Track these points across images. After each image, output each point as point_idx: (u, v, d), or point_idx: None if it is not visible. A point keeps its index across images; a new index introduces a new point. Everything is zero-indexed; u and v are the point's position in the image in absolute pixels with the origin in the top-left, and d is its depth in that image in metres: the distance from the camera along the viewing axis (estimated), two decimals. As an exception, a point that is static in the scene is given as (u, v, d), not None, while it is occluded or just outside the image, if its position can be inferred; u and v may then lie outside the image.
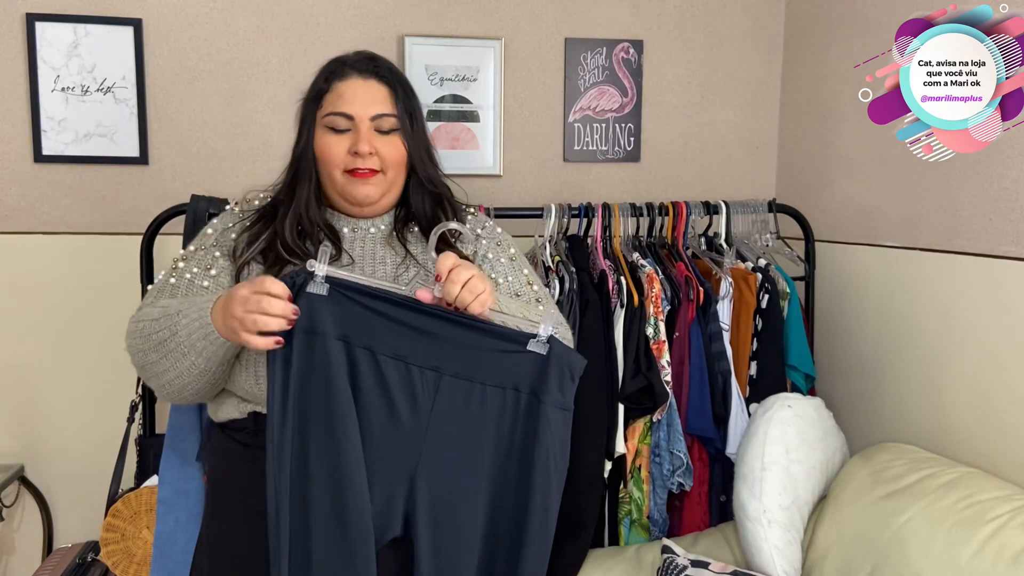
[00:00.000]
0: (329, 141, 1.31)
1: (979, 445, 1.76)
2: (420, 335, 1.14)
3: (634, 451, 1.96)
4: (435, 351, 1.14)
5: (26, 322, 2.22)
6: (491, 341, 1.15)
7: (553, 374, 1.15)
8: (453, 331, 1.14)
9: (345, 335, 1.12)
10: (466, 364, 1.15)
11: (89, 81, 2.19)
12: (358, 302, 1.13)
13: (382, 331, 1.13)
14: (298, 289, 1.11)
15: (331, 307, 1.12)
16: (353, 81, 1.32)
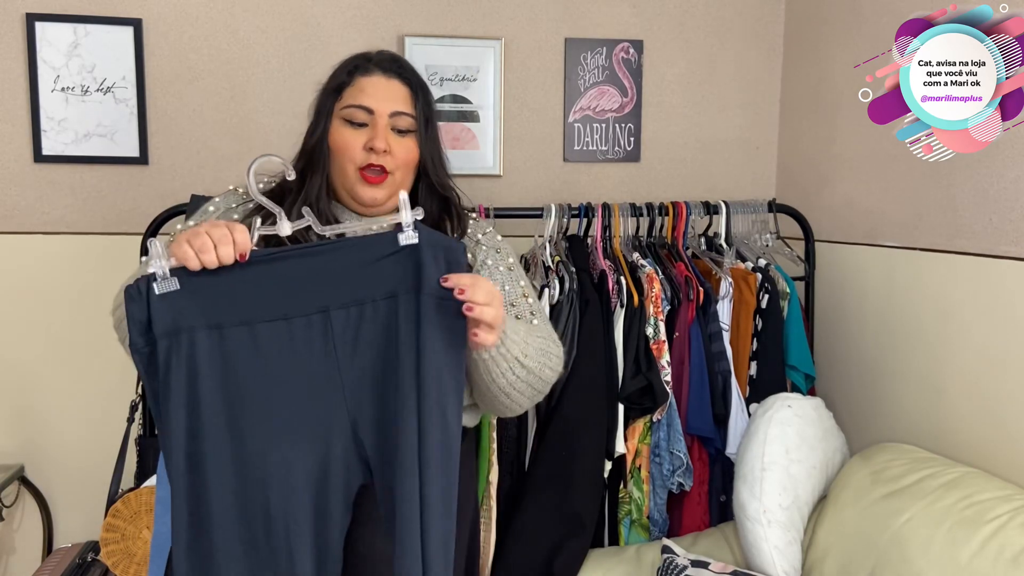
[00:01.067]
0: (345, 134, 1.31)
1: (979, 445, 1.76)
2: (293, 283, 1.08)
3: (634, 451, 1.96)
4: (314, 292, 1.08)
5: (26, 322, 2.22)
6: (365, 253, 1.09)
7: (428, 262, 1.08)
8: (326, 262, 1.08)
9: (215, 321, 1.05)
10: (349, 289, 1.09)
11: (89, 81, 2.19)
12: (219, 280, 1.05)
13: (253, 298, 1.07)
14: (147, 295, 1.04)
15: (189, 298, 1.05)
16: (376, 78, 1.33)
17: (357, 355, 1.09)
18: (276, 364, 1.08)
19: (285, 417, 1.08)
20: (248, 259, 1.06)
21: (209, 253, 1.04)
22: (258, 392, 1.07)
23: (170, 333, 1.05)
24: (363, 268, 1.09)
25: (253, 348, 1.07)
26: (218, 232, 1.05)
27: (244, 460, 1.07)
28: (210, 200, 1.39)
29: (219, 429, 1.06)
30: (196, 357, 1.05)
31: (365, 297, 1.09)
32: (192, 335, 1.05)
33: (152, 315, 1.04)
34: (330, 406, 1.10)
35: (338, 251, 1.09)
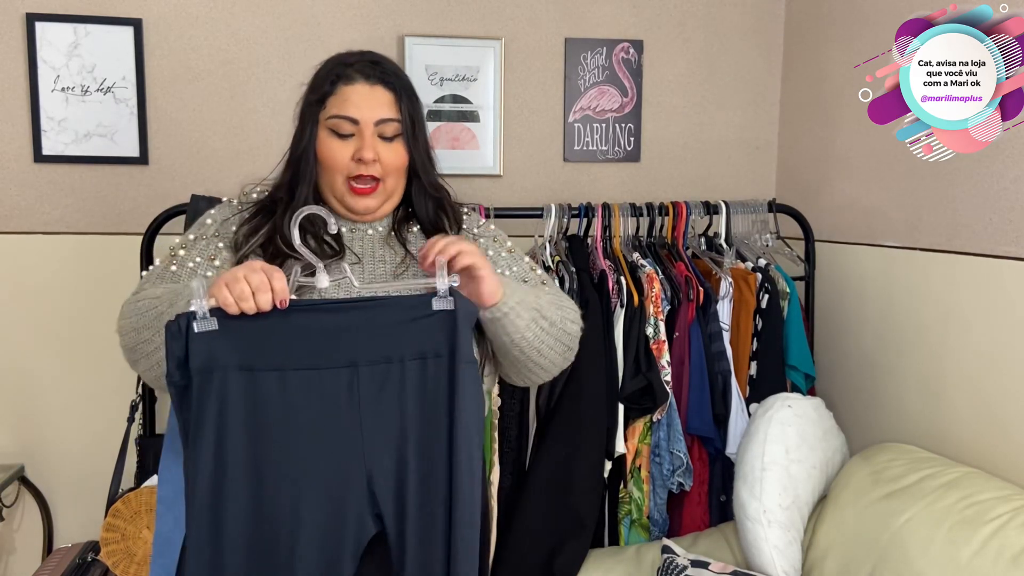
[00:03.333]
0: (332, 146, 1.31)
1: (979, 445, 1.76)
2: (328, 335, 1.11)
3: (634, 451, 1.96)
4: (346, 346, 1.11)
5: (26, 322, 2.22)
6: (399, 313, 1.13)
7: (462, 329, 1.13)
8: (358, 318, 1.12)
9: (248, 363, 1.09)
10: (380, 347, 1.12)
11: (89, 81, 2.19)
12: (255, 324, 1.09)
13: (286, 346, 1.10)
14: (186, 332, 1.07)
15: (226, 339, 1.08)
16: (359, 86, 1.31)
17: (379, 412, 1.13)
18: (301, 412, 1.11)
19: (303, 464, 1.11)
20: (290, 307, 1.10)
21: (248, 301, 1.07)
22: (281, 437, 1.11)
23: (204, 371, 1.08)
24: (395, 328, 1.13)
25: (281, 394, 1.10)
26: (256, 279, 1.08)
27: (261, 500, 1.10)
28: (206, 213, 1.39)
29: (241, 467, 1.10)
30: (227, 396, 1.09)
31: (394, 356, 1.12)
32: (225, 375, 1.09)
33: (190, 351, 1.08)
34: (348, 458, 1.12)
35: (372, 309, 1.13)
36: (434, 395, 1.13)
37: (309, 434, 1.11)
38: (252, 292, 1.07)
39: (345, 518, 1.12)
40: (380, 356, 1.12)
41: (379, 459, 1.13)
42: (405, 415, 1.13)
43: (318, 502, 1.11)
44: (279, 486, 1.10)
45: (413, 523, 1.12)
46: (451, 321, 1.13)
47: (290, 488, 1.10)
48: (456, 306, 1.13)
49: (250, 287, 1.07)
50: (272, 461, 1.10)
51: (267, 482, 1.10)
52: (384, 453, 1.13)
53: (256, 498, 1.10)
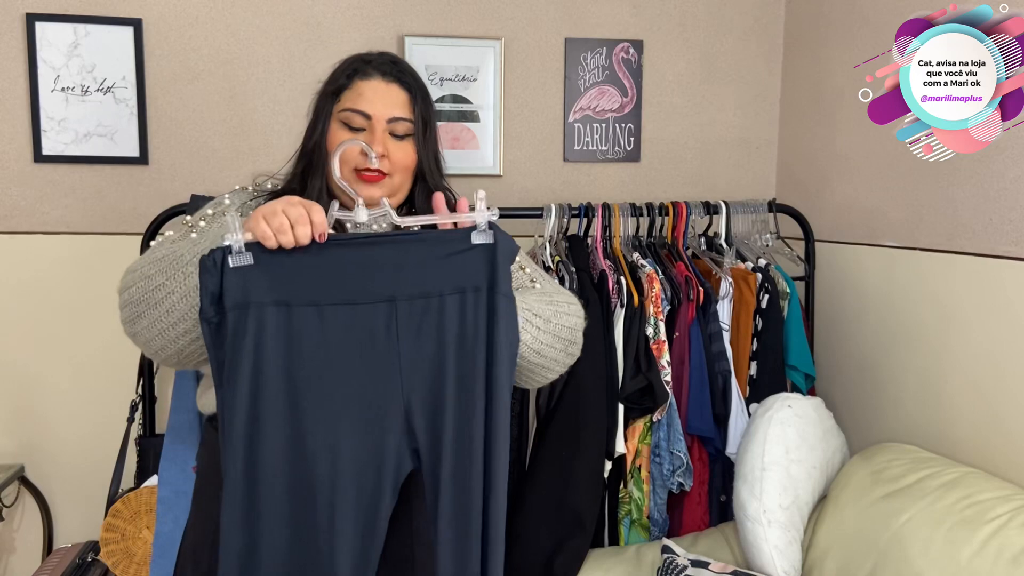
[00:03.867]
0: (343, 138, 1.31)
1: (979, 445, 1.76)
2: (366, 269, 1.10)
3: (634, 451, 1.96)
4: (384, 281, 1.10)
5: (26, 322, 2.22)
6: (438, 247, 1.12)
7: (502, 263, 1.13)
8: (396, 252, 1.11)
9: (284, 299, 1.08)
10: (418, 282, 1.11)
11: (89, 81, 2.19)
12: (291, 259, 1.08)
13: (324, 281, 1.09)
14: (221, 267, 1.06)
15: (261, 274, 1.07)
16: (375, 82, 1.32)
17: (418, 346, 1.12)
18: (338, 347, 1.10)
19: (341, 399, 1.10)
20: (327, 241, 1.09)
21: (286, 234, 1.06)
22: (318, 372, 1.09)
23: (240, 306, 1.07)
24: (433, 262, 1.12)
25: (318, 329, 1.09)
26: (295, 212, 1.07)
27: (299, 437, 1.09)
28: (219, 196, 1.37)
29: (278, 404, 1.08)
30: (263, 332, 1.07)
31: (432, 291, 1.12)
32: (261, 310, 1.07)
33: (224, 287, 1.06)
34: (386, 393, 1.12)
35: (410, 243, 1.12)
36: (473, 330, 1.12)
37: (346, 370, 1.10)
38: (291, 225, 1.06)
39: (383, 453, 1.11)
40: (418, 291, 1.11)
41: (417, 394, 1.12)
42: (443, 350, 1.12)
43: (357, 438, 1.10)
44: (317, 422, 1.09)
45: (449, 459, 1.11)
46: (490, 254, 1.12)
47: (328, 424, 1.09)
48: (496, 239, 1.13)
49: (288, 220, 1.06)
50: (309, 398, 1.09)
51: (305, 418, 1.09)
52: (422, 388, 1.12)
53: (294, 435, 1.09)
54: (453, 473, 1.12)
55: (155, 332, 1.14)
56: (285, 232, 1.06)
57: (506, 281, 1.13)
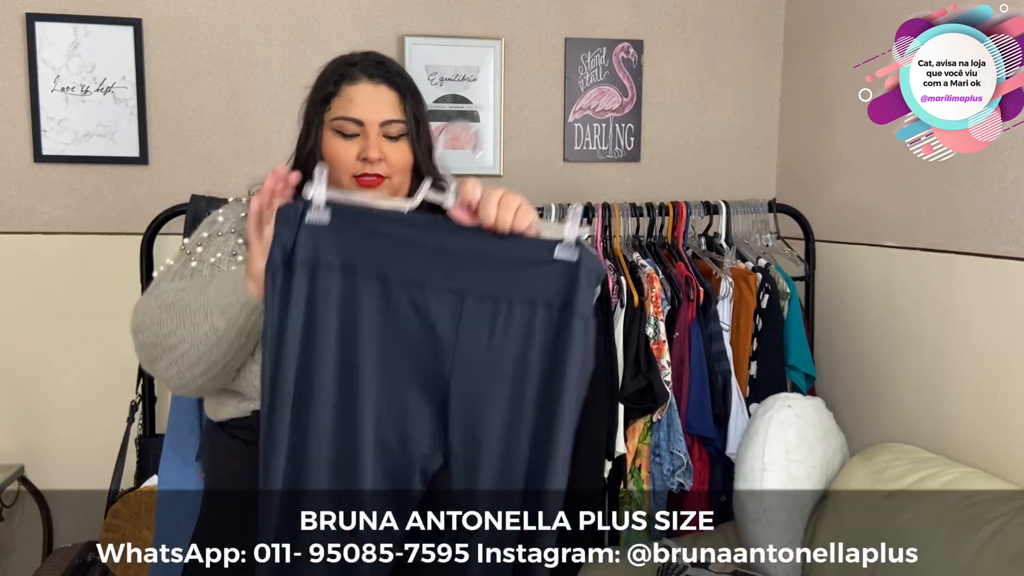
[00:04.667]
0: (338, 146, 1.30)
1: (979, 445, 1.76)
2: (438, 256, 1.07)
3: (634, 451, 1.96)
4: (456, 272, 1.06)
5: (26, 322, 2.22)
6: (517, 252, 1.07)
7: (583, 282, 1.06)
8: (475, 246, 1.07)
9: (352, 265, 1.05)
10: (491, 283, 1.06)
11: (89, 81, 2.19)
12: (366, 228, 1.06)
13: (395, 256, 1.06)
14: (298, 220, 1.05)
15: (334, 236, 1.05)
16: (363, 86, 1.31)
17: (475, 349, 1.07)
18: (396, 327, 1.07)
19: (387, 382, 1.08)
20: (403, 218, 1.07)
21: None
22: (369, 347, 1.07)
23: (308, 264, 1.05)
24: (511, 266, 1.07)
25: (379, 304, 1.06)
26: None
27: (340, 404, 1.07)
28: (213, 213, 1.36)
29: (326, 367, 1.06)
30: (327, 294, 1.06)
31: (503, 296, 1.07)
32: (328, 273, 1.05)
33: (297, 242, 1.05)
34: (429, 387, 1.09)
35: (492, 241, 1.07)
36: (537, 347, 1.07)
37: (398, 352, 1.07)
38: None
39: (416, 444, 1.08)
40: (489, 292, 1.06)
41: (463, 397, 1.08)
42: (500, 361, 1.07)
43: (393, 422, 1.07)
44: (359, 396, 1.07)
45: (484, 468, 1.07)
46: (571, 272, 1.06)
47: (369, 401, 1.07)
48: (580, 258, 1.06)
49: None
50: (356, 370, 1.06)
51: (348, 390, 1.06)
52: (469, 393, 1.08)
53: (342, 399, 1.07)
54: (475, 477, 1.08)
55: (173, 373, 1.17)
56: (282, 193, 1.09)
57: (585, 302, 1.06)
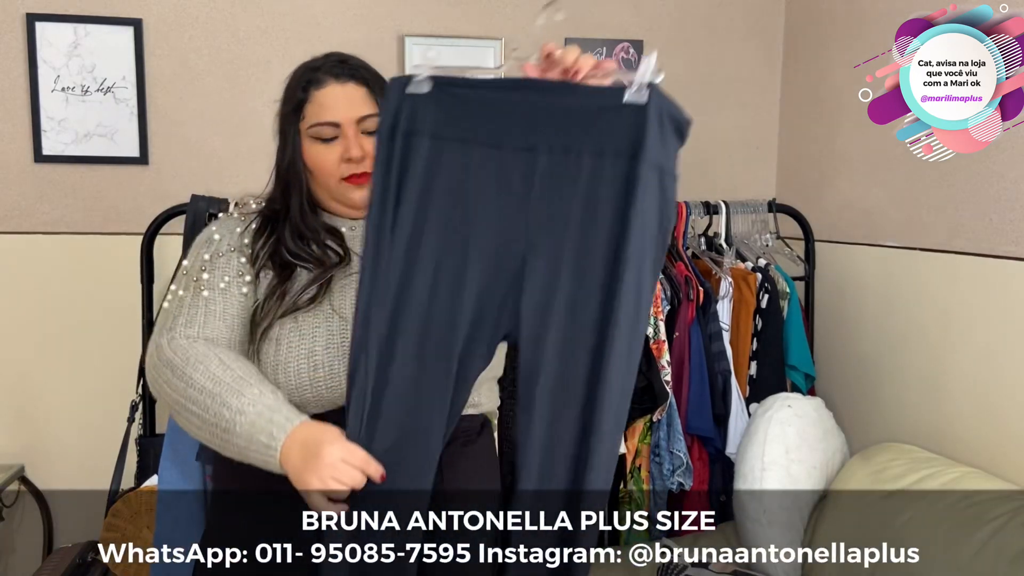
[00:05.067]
0: (319, 151, 1.30)
1: (979, 445, 1.76)
2: (516, 114, 1.10)
3: (634, 451, 1.96)
4: (531, 128, 1.08)
5: (26, 322, 2.22)
6: (589, 101, 1.06)
7: (653, 127, 1.02)
8: (548, 99, 1.09)
9: (442, 133, 1.10)
10: (561, 134, 1.06)
11: (89, 81, 2.19)
12: (460, 95, 1.11)
13: (481, 119, 1.11)
14: (401, 93, 1.11)
15: (431, 105, 1.11)
16: (331, 87, 1.31)
17: (547, 203, 1.07)
18: (476, 187, 1.09)
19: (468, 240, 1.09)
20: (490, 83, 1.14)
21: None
22: (451, 206, 1.10)
23: (405, 133, 1.11)
24: (582, 116, 1.06)
25: (463, 166, 1.10)
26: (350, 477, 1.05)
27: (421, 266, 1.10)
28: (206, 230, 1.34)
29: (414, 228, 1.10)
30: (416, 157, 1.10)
31: (572, 147, 1.06)
32: (421, 139, 1.11)
33: (399, 113, 1.11)
34: (507, 243, 1.09)
35: (567, 93, 1.08)
36: (606, 198, 1.04)
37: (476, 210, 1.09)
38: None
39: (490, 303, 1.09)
40: (560, 145, 1.07)
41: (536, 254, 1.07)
42: (571, 213, 1.06)
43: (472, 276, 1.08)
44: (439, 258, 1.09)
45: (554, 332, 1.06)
46: (640, 117, 1.02)
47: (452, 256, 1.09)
48: (650, 99, 1.02)
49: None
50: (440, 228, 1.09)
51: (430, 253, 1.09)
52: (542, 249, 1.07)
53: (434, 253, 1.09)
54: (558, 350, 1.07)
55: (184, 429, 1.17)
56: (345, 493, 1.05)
57: (657, 149, 1.02)
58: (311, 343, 1.22)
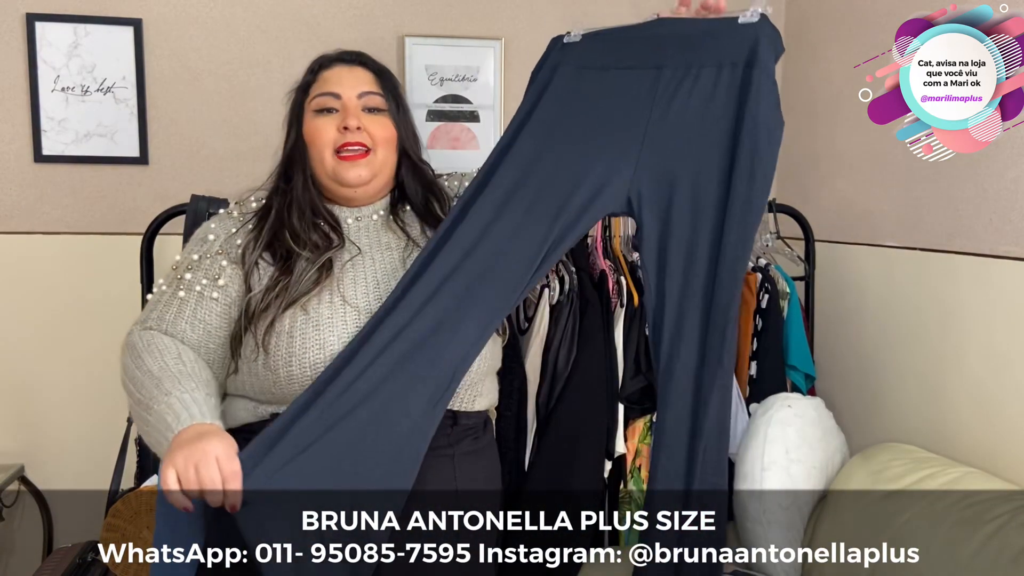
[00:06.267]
0: (318, 123, 1.31)
1: (979, 445, 1.76)
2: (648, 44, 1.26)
3: (634, 451, 1.96)
4: (659, 51, 1.24)
5: (26, 322, 2.22)
6: (712, 27, 1.21)
7: (764, 41, 1.17)
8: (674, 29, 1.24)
9: (585, 62, 1.30)
10: (685, 53, 1.21)
11: (89, 81, 2.19)
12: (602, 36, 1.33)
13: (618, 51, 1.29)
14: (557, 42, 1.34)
15: (579, 48, 1.33)
16: (338, 68, 1.34)
17: (667, 112, 1.21)
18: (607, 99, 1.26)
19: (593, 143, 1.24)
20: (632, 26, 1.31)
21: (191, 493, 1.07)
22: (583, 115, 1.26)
23: (552, 66, 1.32)
24: (705, 37, 1.21)
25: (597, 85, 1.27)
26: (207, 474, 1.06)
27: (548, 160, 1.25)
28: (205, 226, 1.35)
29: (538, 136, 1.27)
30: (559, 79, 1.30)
31: (694, 62, 1.20)
32: (567, 67, 1.31)
33: (551, 52, 1.34)
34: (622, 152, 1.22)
35: (684, 24, 1.25)
36: (723, 102, 1.18)
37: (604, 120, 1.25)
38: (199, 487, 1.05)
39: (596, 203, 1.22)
40: (682, 62, 1.21)
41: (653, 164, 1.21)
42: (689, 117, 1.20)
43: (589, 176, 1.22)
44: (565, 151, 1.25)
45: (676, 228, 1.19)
46: (752, 33, 1.17)
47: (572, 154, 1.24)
48: (760, 20, 1.18)
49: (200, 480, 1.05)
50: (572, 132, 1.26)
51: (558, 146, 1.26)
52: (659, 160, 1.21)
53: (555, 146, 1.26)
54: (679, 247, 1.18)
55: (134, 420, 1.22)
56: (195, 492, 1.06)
57: (767, 58, 1.16)
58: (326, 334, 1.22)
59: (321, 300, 1.24)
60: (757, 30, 1.17)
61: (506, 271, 1.21)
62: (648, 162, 1.21)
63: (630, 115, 1.23)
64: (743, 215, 1.15)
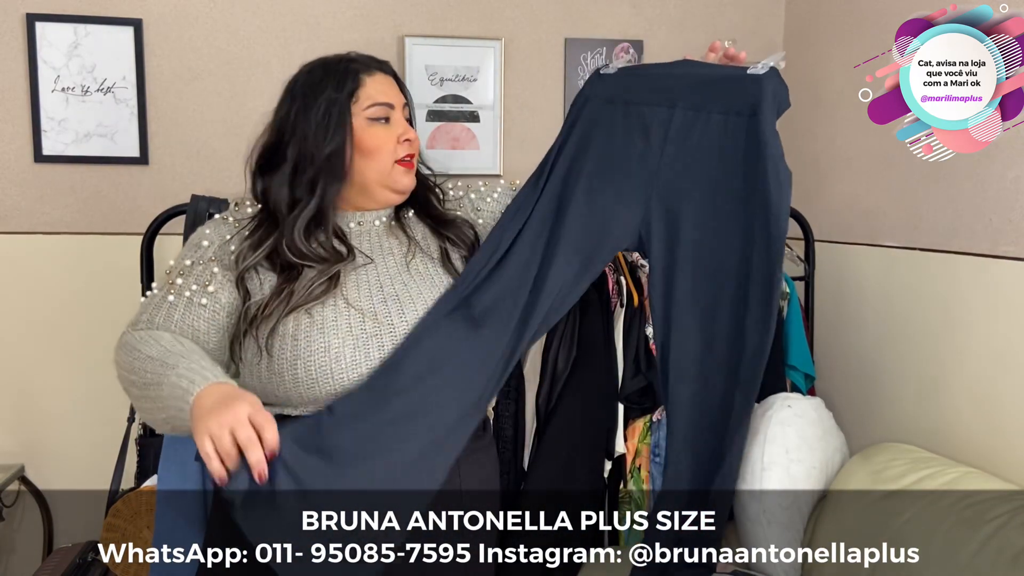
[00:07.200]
0: (378, 133, 1.31)
1: (979, 445, 1.76)
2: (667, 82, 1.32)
3: (634, 451, 1.96)
4: (675, 90, 1.30)
5: (26, 322, 2.22)
6: (724, 73, 1.28)
7: (768, 94, 1.23)
8: (692, 71, 1.31)
9: (612, 96, 1.36)
10: (696, 95, 1.28)
11: (89, 81, 2.19)
12: (634, 71, 1.38)
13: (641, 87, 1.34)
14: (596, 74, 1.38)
15: (612, 81, 1.36)
16: (377, 75, 1.35)
17: (679, 149, 1.29)
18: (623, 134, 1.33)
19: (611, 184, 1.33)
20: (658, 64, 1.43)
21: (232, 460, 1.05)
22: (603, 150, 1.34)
23: (585, 97, 1.38)
24: (716, 83, 1.28)
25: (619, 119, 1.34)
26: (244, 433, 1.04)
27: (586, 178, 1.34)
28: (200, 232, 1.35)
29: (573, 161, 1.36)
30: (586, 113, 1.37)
31: (703, 107, 1.28)
32: (596, 101, 1.37)
33: (590, 84, 1.39)
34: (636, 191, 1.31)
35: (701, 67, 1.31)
36: (731, 152, 1.26)
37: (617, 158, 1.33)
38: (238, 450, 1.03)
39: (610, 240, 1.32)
40: (693, 102, 1.29)
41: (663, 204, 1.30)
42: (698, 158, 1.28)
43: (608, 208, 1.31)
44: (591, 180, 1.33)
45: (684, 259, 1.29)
46: (758, 85, 1.23)
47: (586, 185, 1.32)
48: (767, 73, 1.24)
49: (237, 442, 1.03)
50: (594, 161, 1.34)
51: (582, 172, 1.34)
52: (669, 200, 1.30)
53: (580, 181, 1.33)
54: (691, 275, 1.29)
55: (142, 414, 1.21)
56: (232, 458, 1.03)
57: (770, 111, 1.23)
58: (330, 337, 1.22)
59: (325, 304, 1.24)
60: (763, 83, 1.24)
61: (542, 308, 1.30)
62: (659, 199, 1.30)
63: (644, 153, 1.31)
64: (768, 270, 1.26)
